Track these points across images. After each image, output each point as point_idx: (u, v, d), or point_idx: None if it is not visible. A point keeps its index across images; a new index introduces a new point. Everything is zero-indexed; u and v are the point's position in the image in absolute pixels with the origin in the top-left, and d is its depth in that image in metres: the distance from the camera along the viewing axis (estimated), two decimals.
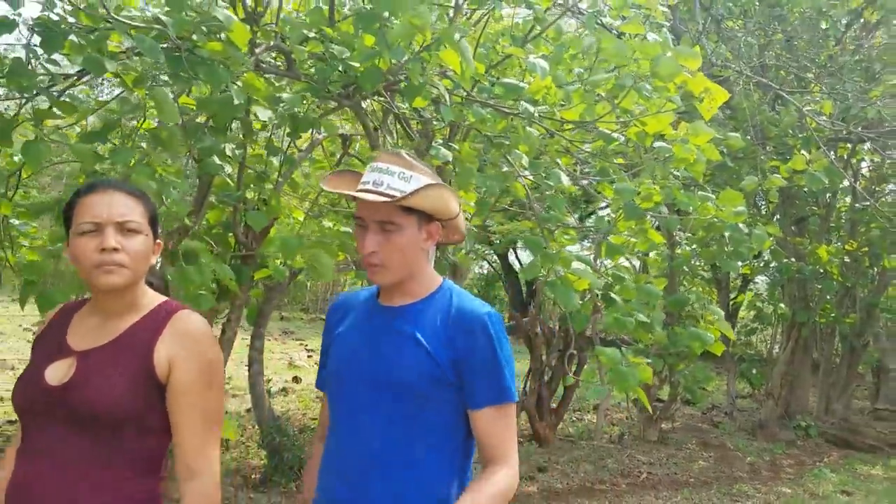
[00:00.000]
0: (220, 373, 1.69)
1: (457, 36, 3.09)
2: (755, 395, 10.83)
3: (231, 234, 4.66)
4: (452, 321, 1.66)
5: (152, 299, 1.72)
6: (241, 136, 4.24)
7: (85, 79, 3.52)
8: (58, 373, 1.61)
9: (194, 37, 3.06)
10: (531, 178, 4.23)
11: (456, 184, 3.84)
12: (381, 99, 4.54)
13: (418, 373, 1.63)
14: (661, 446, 7.96)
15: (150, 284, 1.80)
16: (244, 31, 3.00)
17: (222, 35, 3.15)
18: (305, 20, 3.76)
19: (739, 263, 5.35)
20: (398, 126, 5.84)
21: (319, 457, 1.84)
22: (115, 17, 2.96)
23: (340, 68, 3.97)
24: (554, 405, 7.35)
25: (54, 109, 3.19)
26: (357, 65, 3.93)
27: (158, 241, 1.72)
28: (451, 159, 3.67)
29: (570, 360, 7.14)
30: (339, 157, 6.23)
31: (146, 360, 1.62)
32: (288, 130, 4.13)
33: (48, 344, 1.69)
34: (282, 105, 3.58)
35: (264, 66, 3.84)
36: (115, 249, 1.59)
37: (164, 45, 3.11)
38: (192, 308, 1.74)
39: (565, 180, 3.84)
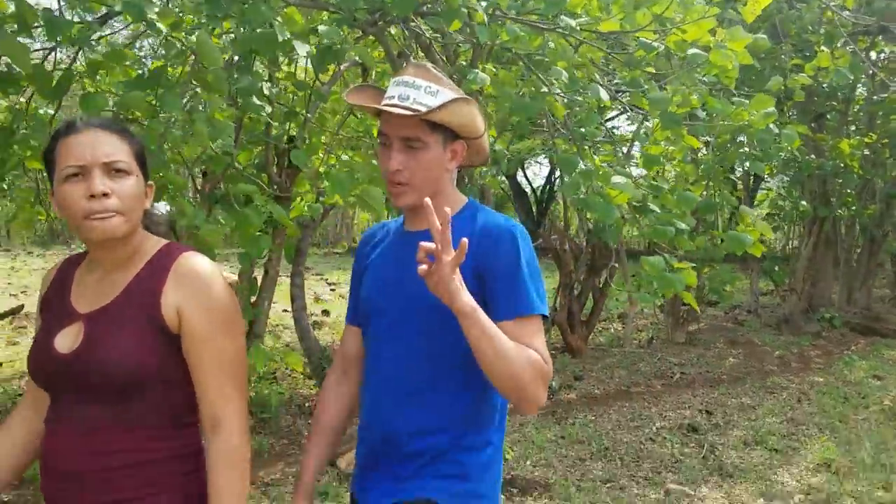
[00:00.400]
0: (234, 315, 1.56)
1: None
2: (778, 291, 11.01)
3: (265, 174, 4.72)
4: (478, 236, 1.57)
5: (153, 245, 1.57)
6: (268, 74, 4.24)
7: (122, 29, 3.51)
8: (67, 340, 1.50)
9: None
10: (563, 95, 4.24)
11: (495, 107, 3.85)
12: (403, 25, 4.51)
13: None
14: (690, 347, 8.18)
15: (150, 230, 1.64)
16: None
17: None
18: None
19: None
20: (418, 52, 5.78)
21: (334, 389, 1.81)
22: None
23: None
24: (583, 318, 7.53)
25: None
26: None
27: (150, 182, 1.58)
28: (488, 82, 3.68)
29: (599, 272, 7.28)
30: (332, 76, 6.21)
31: (154, 312, 1.49)
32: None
33: (55, 307, 1.58)
34: (318, 37, 3.57)
35: None
36: (105, 195, 1.44)
37: None
38: (192, 250, 1.59)
39: (604, 95, 3.85)
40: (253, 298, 5.08)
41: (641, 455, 4.81)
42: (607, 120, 10.97)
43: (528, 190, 25.00)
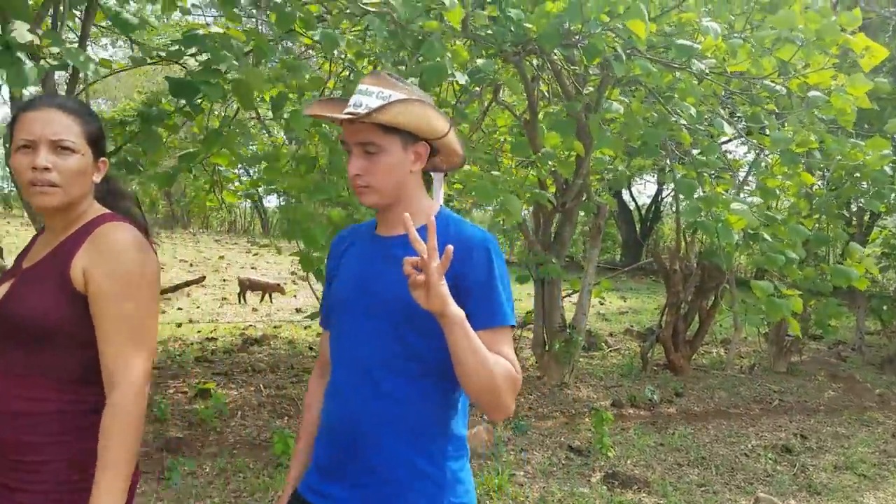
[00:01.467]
0: (141, 282, 1.61)
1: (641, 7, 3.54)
2: (885, 331, 10.87)
3: None
4: (452, 245, 1.46)
5: (93, 214, 1.69)
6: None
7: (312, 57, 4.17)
8: (2, 290, 1.64)
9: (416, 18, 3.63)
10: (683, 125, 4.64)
11: (625, 134, 4.30)
12: (542, 55, 5.03)
13: (410, 301, 1.49)
14: (791, 377, 8.30)
15: (112, 202, 1.78)
16: (460, 11, 3.54)
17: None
18: None
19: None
20: (545, 77, 6.31)
21: (315, 392, 1.83)
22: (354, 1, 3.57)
23: (512, 29, 4.49)
24: (688, 338, 7.81)
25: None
26: (530, 26, 4.45)
27: (103, 159, 1.69)
28: (622, 111, 4.14)
29: (707, 294, 7.57)
30: (486, 104, 6.81)
31: (65, 272, 1.60)
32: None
33: (15, 263, 1.74)
34: (476, 68, 4.12)
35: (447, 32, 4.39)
36: (47, 169, 1.57)
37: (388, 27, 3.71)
38: (125, 220, 1.69)
39: (728, 129, 4.24)
40: None
41: (735, 467, 5.12)
42: (722, 143, 11.17)
43: (632, 207, 25.04)
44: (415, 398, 1.59)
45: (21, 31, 2.46)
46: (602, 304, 13.92)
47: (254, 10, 4.47)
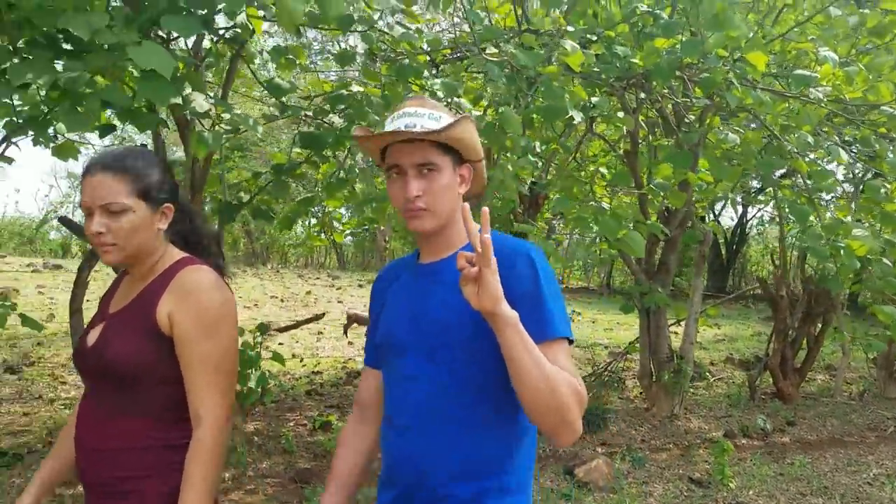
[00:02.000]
0: (219, 322, 1.70)
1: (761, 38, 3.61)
2: None
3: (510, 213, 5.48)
4: (499, 262, 1.40)
5: (171, 259, 1.78)
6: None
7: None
8: (94, 335, 1.76)
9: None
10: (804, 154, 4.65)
11: (739, 164, 4.34)
12: (647, 87, 5.12)
13: (470, 324, 1.49)
14: None
15: (194, 243, 1.87)
16: (580, 55, 3.69)
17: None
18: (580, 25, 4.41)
19: None
20: (644, 109, 6.38)
21: (352, 435, 1.81)
22: (480, 53, 3.76)
23: (618, 65, 4.60)
24: (796, 365, 7.65)
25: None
26: (637, 61, 4.55)
27: (166, 206, 1.77)
28: (738, 141, 4.19)
29: (814, 320, 7.41)
30: (582, 136, 6.91)
31: (151, 317, 1.69)
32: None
33: (100, 307, 1.85)
34: (591, 106, 4.25)
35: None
36: (100, 233, 1.68)
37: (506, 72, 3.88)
38: (202, 263, 1.78)
39: (844, 156, 4.23)
40: None
41: (860, 496, 4.99)
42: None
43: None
44: (474, 429, 1.53)
45: (200, 102, 2.72)
46: (697, 332, 13.70)
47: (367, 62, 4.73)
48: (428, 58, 4.85)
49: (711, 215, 24.02)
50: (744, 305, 18.46)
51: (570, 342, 1.52)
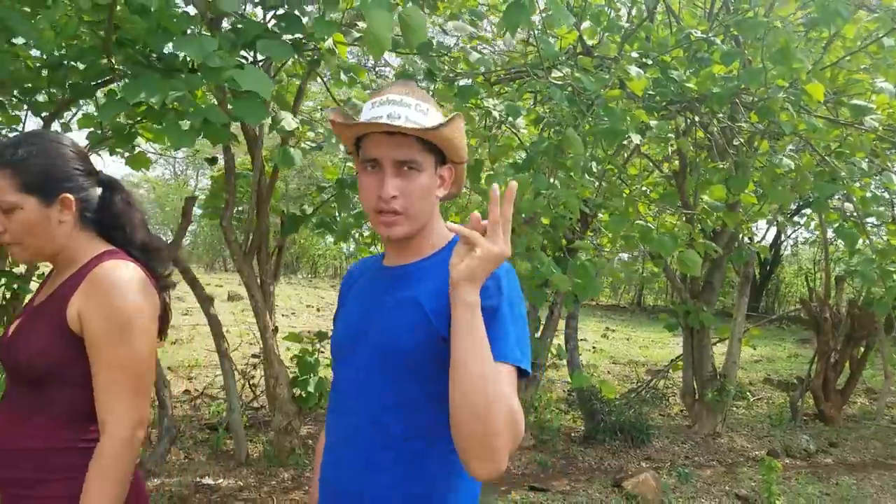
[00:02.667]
0: (132, 324, 1.56)
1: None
2: None
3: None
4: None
5: (91, 253, 1.65)
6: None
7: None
8: (13, 329, 1.65)
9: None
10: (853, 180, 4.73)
11: (795, 189, 4.44)
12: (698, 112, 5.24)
13: (416, 340, 1.38)
14: None
15: (106, 230, 1.71)
16: (644, 82, 3.82)
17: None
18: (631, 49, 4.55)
19: None
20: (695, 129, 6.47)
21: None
22: (546, 75, 3.92)
23: (672, 88, 4.73)
24: (838, 387, 7.66)
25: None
26: (692, 86, 4.67)
27: (64, 196, 1.62)
28: (793, 166, 4.29)
29: (857, 342, 7.43)
30: (627, 156, 7.03)
31: (61, 314, 1.57)
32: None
33: (29, 302, 1.75)
34: (649, 129, 4.38)
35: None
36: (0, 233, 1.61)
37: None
38: (125, 258, 1.65)
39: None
40: (537, 334, 5.98)
41: None
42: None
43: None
44: (422, 456, 1.40)
45: (288, 121, 2.90)
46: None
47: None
48: (483, 77, 5.02)
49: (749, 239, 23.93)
50: (778, 326, 18.34)
51: (524, 374, 1.35)
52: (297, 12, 3.24)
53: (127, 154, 4.57)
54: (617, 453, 6.03)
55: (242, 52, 3.75)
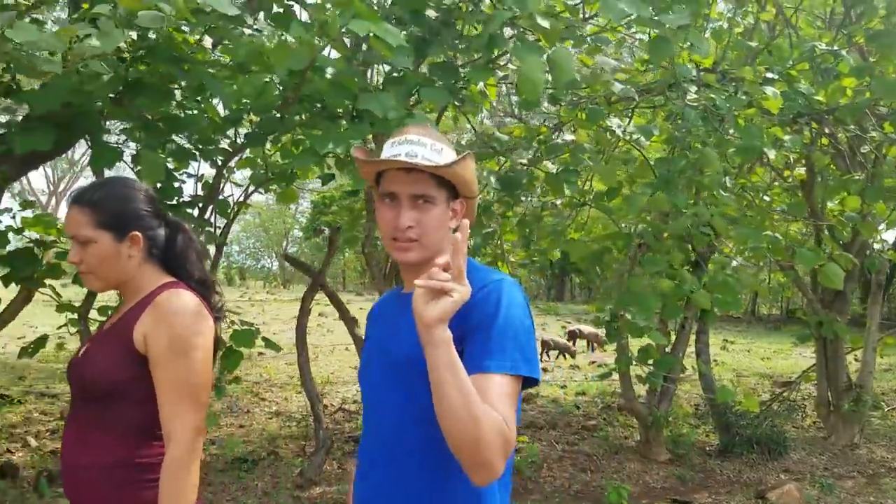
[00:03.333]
0: (190, 345, 1.72)
1: None
2: None
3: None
4: (472, 297, 1.37)
5: (153, 283, 1.83)
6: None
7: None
8: (82, 350, 1.85)
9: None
10: None
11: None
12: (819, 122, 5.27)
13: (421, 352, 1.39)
14: None
15: (171, 267, 1.88)
16: (780, 100, 3.95)
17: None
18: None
19: None
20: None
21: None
22: (681, 96, 4.09)
23: (800, 101, 4.79)
24: None
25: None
26: (820, 98, 4.73)
27: (133, 234, 1.80)
28: None
29: None
30: (749, 165, 7.02)
31: (128, 336, 1.73)
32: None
33: (100, 325, 2.00)
34: (783, 145, 4.47)
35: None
36: (74, 263, 1.80)
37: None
38: (184, 287, 1.82)
39: None
40: (668, 348, 6.07)
41: None
42: None
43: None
44: (437, 471, 1.47)
45: None
46: (857, 360, 13.18)
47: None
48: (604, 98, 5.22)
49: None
50: None
51: (532, 382, 1.44)
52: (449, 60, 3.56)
53: (279, 191, 5.06)
54: (755, 466, 6.04)
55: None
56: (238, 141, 4.59)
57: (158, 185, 4.38)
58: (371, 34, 2.68)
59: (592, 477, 5.67)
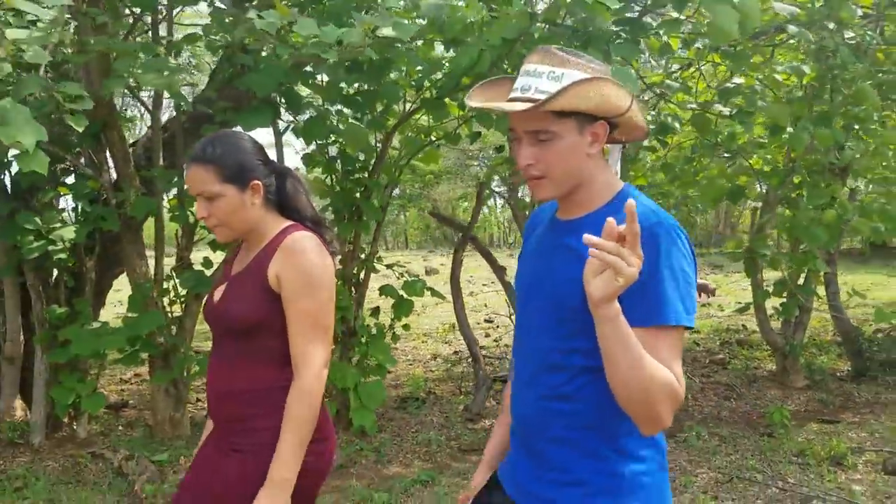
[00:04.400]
0: (318, 281, 1.86)
1: None
2: None
3: None
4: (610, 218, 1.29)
5: (276, 227, 1.94)
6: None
7: None
8: (218, 293, 1.99)
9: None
10: None
11: None
12: None
13: (582, 295, 1.32)
14: None
15: (286, 210, 1.98)
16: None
17: None
18: None
19: None
20: None
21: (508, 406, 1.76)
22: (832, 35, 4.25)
23: None
24: None
25: None
26: None
27: (254, 183, 1.90)
28: None
29: None
30: None
31: (262, 277, 1.88)
32: None
33: (224, 272, 2.09)
34: None
35: None
36: (204, 217, 1.92)
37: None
38: (305, 230, 1.93)
39: None
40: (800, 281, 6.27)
41: None
42: None
43: None
44: (584, 395, 1.47)
45: None
46: None
47: None
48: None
49: None
50: None
51: (683, 329, 1.40)
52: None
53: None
54: (890, 387, 6.27)
55: None
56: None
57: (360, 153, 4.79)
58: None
59: (738, 404, 5.99)
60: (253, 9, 3.58)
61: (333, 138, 4.62)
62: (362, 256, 5.29)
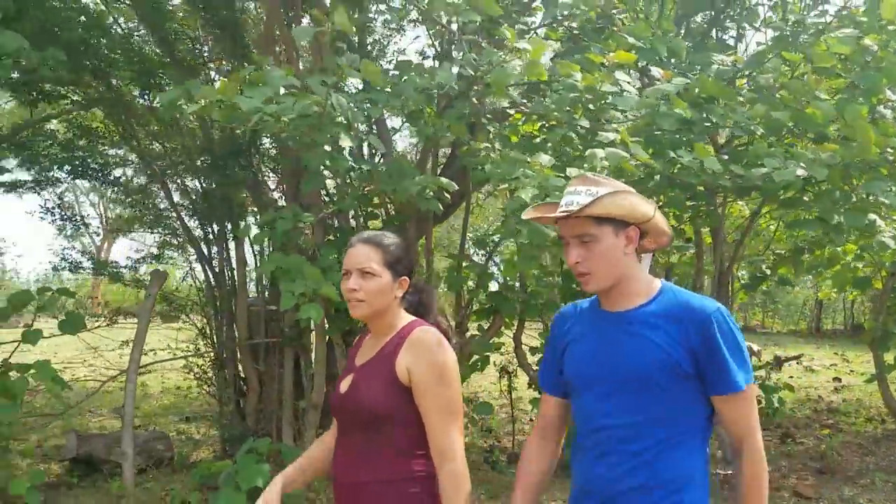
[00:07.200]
0: (448, 372, 1.93)
1: None
2: None
3: None
4: (684, 319, 1.74)
5: (403, 321, 2.05)
6: None
7: None
8: (346, 383, 2.04)
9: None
10: None
11: None
12: None
13: (658, 367, 1.73)
14: None
15: (417, 312, 2.12)
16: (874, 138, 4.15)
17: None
18: None
19: None
20: None
21: (536, 447, 2.01)
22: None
23: None
24: None
25: None
26: None
27: (403, 278, 2.04)
28: None
29: None
30: None
31: (392, 370, 1.95)
32: None
33: (349, 361, 2.15)
34: None
35: None
36: (353, 290, 1.98)
37: None
38: (429, 325, 2.04)
39: None
40: None
41: None
42: None
43: None
44: (665, 458, 1.75)
45: None
46: None
47: None
48: None
49: None
50: None
51: (750, 385, 1.76)
52: None
53: None
54: None
55: None
56: None
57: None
58: None
59: (871, 459, 6.46)
60: None
61: None
62: None
